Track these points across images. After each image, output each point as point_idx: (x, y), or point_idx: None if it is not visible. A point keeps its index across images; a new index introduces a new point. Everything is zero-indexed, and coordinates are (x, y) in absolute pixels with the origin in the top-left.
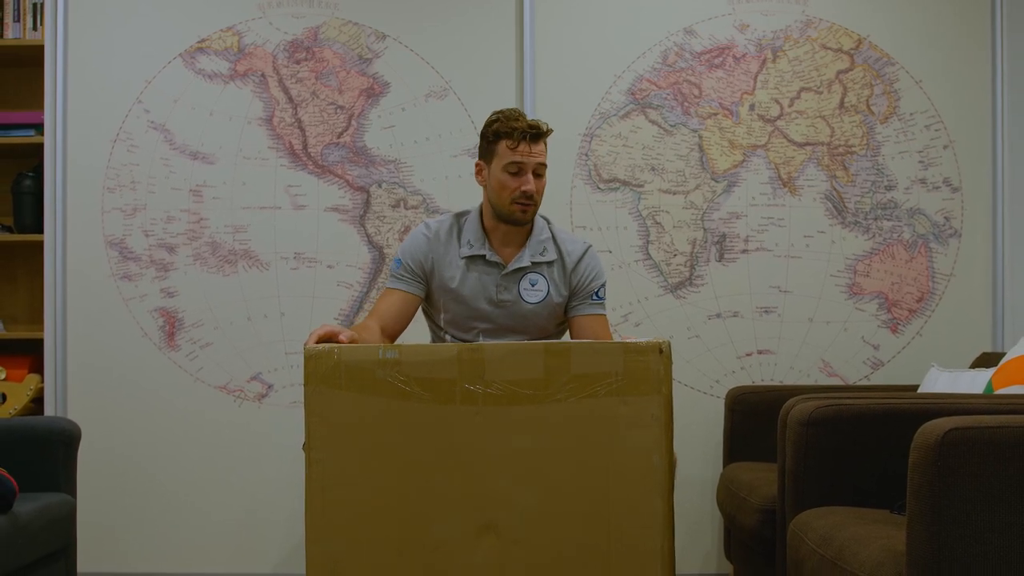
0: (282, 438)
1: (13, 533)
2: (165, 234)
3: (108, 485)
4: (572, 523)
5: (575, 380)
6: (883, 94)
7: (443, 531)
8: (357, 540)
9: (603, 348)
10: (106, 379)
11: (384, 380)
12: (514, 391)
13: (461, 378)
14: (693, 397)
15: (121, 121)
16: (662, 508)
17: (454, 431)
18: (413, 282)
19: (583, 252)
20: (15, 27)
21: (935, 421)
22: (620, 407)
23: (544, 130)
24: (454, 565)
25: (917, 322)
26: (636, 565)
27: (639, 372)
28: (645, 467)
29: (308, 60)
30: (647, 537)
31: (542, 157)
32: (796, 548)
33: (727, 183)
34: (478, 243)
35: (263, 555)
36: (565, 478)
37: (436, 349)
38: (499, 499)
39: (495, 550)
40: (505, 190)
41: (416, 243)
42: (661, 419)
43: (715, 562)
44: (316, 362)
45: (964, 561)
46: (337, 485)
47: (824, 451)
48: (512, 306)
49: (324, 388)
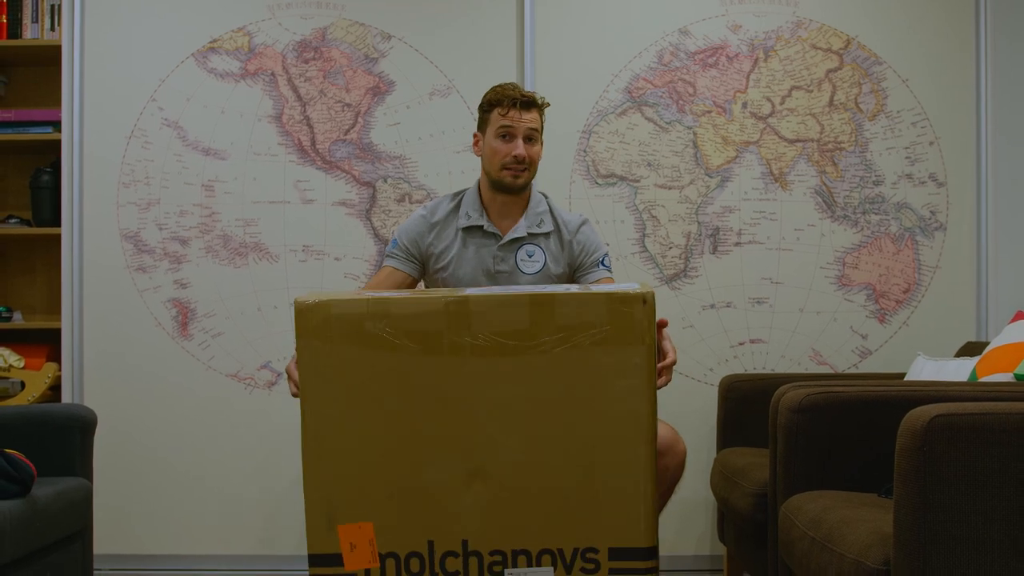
0: (291, 424)
1: (32, 516)
2: (178, 227)
3: (123, 470)
4: (558, 468)
5: (560, 330)
6: (871, 92)
7: (433, 476)
8: (351, 485)
9: (588, 298)
10: (121, 367)
11: (373, 332)
12: (500, 342)
13: (448, 330)
14: (688, 385)
15: (136, 118)
16: (645, 453)
17: (443, 381)
18: (407, 261)
19: (580, 223)
20: (33, 28)
21: (921, 408)
22: (604, 356)
23: (537, 99)
24: (444, 508)
25: (904, 312)
26: (620, 508)
27: (623, 322)
28: (628, 414)
29: (316, 59)
30: (631, 481)
31: (534, 124)
32: (787, 531)
33: (720, 178)
34: (476, 214)
35: (273, 537)
36: (551, 425)
37: (424, 301)
38: (487, 446)
39: (484, 494)
40: (496, 155)
41: (412, 222)
42: (644, 368)
43: (708, 544)
44: (307, 316)
45: (949, 542)
46: (331, 434)
47: (814, 437)
48: (509, 277)
49: (315, 341)
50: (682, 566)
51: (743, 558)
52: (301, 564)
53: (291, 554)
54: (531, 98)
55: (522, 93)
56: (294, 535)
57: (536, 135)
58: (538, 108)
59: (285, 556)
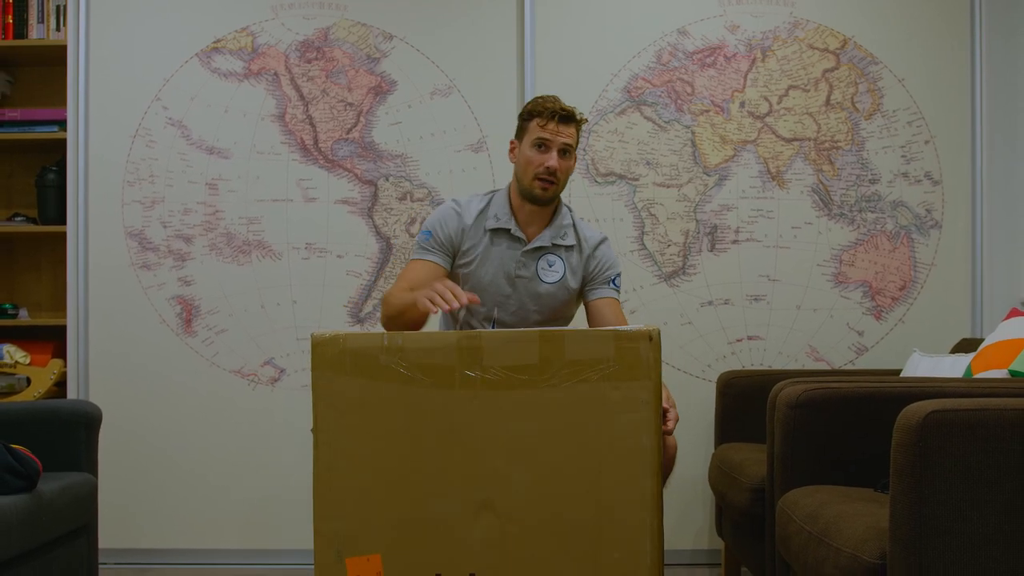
0: (294, 420)
1: (37, 510)
2: (182, 225)
3: (128, 465)
4: (565, 501)
5: (569, 366)
6: (867, 92)
7: (443, 509)
8: (361, 517)
9: (595, 335)
10: (126, 364)
11: (387, 366)
12: (510, 376)
13: (460, 364)
14: (686, 381)
15: (140, 118)
16: (651, 487)
17: (454, 414)
18: (441, 253)
19: (600, 241)
20: (39, 28)
21: (917, 404)
22: (611, 392)
23: (576, 115)
24: (453, 540)
25: (900, 309)
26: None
27: (630, 358)
28: (635, 448)
29: (319, 59)
30: (636, 514)
31: (570, 139)
32: (784, 525)
33: (718, 177)
34: (505, 217)
35: (275, 531)
36: (559, 459)
37: (437, 337)
38: (496, 479)
39: (492, 526)
40: (531, 165)
41: (446, 216)
42: (650, 403)
43: (707, 538)
44: (323, 349)
45: (944, 536)
46: (342, 466)
47: (811, 432)
48: (528, 284)
49: (330, 373)
50: (680, 560)
51: (741, 552)
52: (304, 558)
53: (293, 548)
54: (571, 113)
55: (562, 107)
56: (296, 529)
57: (571, 150)
58: (576, 123)
59: (287, 550)
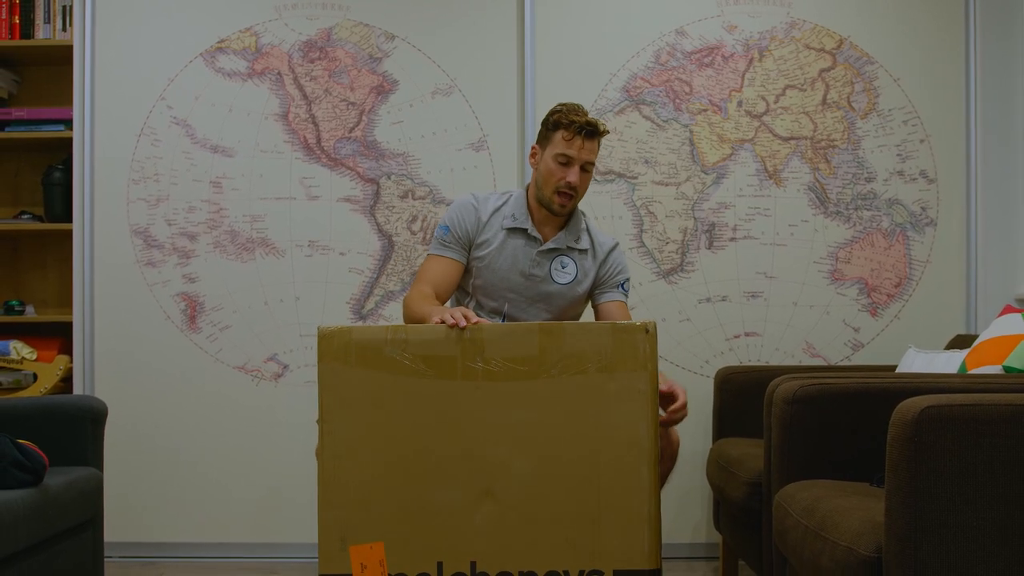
0: (297, 415)
1: (44, 504)
2: (187, 223)
3: (133, 459)
4: (564, 489)
5: (567, 358)
6: (863, 91)
7: (445, 497)
8: (365, 505)
9: (593, 328)
10: (131, 360)
11: (391, 357)
12: (511, 368)
13: (462, 356)
14: (684, 377)
15: (145, 117)
16: (648, 475)
17: (456, 405)
18: (459, 249)
19: (612, 246)
20: (45, 28)
21: (912, 399)
22: (609, 383)
23: (600, 129)
24: (454, 528)
25: (895, 306)
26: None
27: (626, 350)
28: (632, 437)
29: (322, 59)
30: (634, 502)
31: (592, 156)
32: (781, 519)
33: (716, 175)
34: (522, 217)
35: (279, 525)
36: (558, 448)
37: (440, 329)
38: (497, 467)
39: (493, 514)
40: (552, 177)
41: (464, 211)
42: (646, 393)
43: (704, 532)
44: (329, 341)
45: (938, 531)
46: (347, 454)
47: (808, 427)
48: (540, 282)
49: (336, 365)
50: (679, 554)
51: (738, 546)
52: (307, 552)
53: (296, 542)
54: (596, 127)
55: (588, 121)
56: (299, 522)
57: (591, 167)
58: (599, 136)
59: (290, 544)
